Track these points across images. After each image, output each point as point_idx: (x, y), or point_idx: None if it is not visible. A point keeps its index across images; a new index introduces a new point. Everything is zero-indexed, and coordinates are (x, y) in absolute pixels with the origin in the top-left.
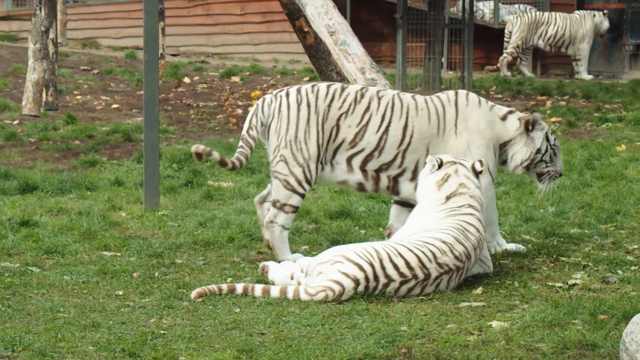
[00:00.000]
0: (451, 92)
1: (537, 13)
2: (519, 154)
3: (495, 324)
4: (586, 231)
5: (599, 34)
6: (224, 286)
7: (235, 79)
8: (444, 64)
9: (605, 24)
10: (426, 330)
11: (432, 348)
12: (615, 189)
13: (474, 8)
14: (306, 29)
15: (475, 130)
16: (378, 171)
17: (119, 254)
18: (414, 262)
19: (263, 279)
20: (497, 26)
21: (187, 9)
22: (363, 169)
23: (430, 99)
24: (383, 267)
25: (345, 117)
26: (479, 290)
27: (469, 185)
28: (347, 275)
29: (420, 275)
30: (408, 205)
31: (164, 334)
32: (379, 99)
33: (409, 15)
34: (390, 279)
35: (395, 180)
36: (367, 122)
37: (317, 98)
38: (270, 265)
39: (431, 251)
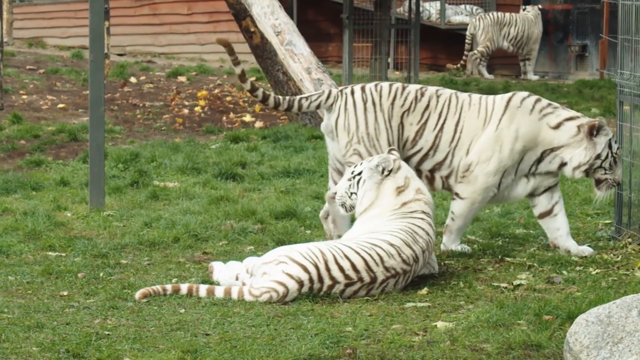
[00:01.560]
0: (510, 93)
1: (499, 14)
2: (577, 157)
3: (440, 324)
4: (531, 232)
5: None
6: (169, 287)
7: (182, 78)
8: (390, 64)
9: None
10: (371, 330)
11: (377, 348)
12: (560, 189)
13: (421, 8)
14: (252, 29)
15: (513, 134)
16: (432, 171)
17: (63, 254)
18: (360, 264)
19: (208, 280)
20: (443, 26)
21: (134, 8)
22: (418, 168)
23: (486, 96)
24: (328, 269)
25: (407, 115)
26: (425, 290)
27: (424, 191)
28: (291, 276)
29: (366, 279)
30: (547, 213)
31: (108, 334)
32: (438, 97)
33: (356, 15)
34: (335, 281)
35: (448, 181)
36: (426, 121)
37: (380, 96)
38: (215, 265)
39: (378, 254)
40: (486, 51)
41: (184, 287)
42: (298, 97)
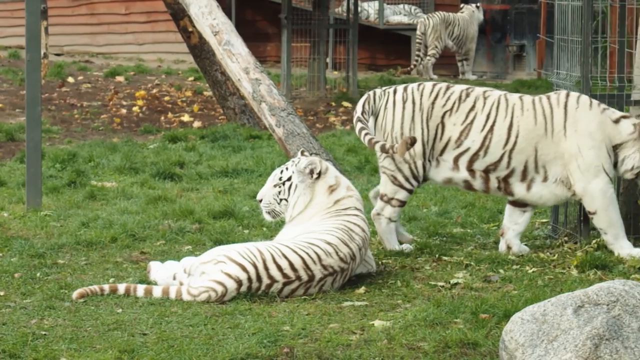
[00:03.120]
0: (562, 94)
1: (444, 13)
2: (630, 159)
3: (377, 323)
4: (469, 230)
5: (480, 25)
6: (106, 286)
7: (120, 78)
8: (328, 64)
9: (480, 15)
10: (309, 329)
11: (314, 347)
12: None
13: (359, 8)
14: (190, 29)
15: (585, 133)
16: (486, 172)
17: (0, 254)
18: (298, 263)
19: (146, 279)
20: (382, 26)
21: (71, 8)
22: (470, 168)
23: (538, 99)
24: (266, 268)
25: (450, 115)
26: (362, 289)
27: (353, 188)
28: (229, 275)
29: (304, 277)
30: (521, 205)
31: (45, 334)
32: (485, 98)
33: (294, 15)
34: (273, 280)
35: (505, 181)
36: (472, 121)
37: (421, 95)
38: (153, 265)
39: (316, 253)
40: (437, 51)
41: (121, 287)
42: (363, 133)
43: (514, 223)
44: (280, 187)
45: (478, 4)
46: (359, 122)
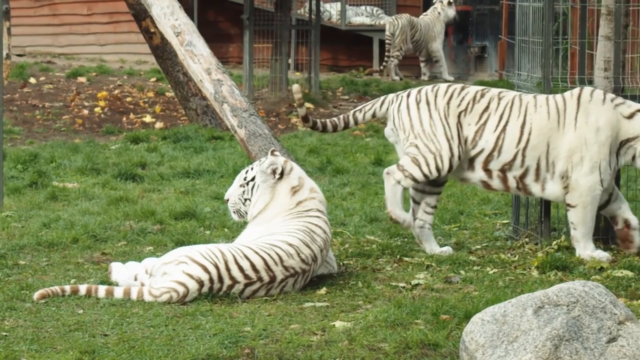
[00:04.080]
0: (576, 89)
1: (410, 16)
2: None
3: (338, 324)
4: None
5: (449, 23)
6: (67, 287)
7: (82, 79)
8: (291, 65)
9: (451, 12)
10: (270, 330)
11: (275, 348)
12: (459, 189)
13: (321, 9)
14: (152, 30)
15: (593, 127)
16: (503, 171)
17: None
18: (259, 264)
19: (107, 280)
20: (344, 28)
21: (34, 9)
22: (486, 168)
23: (552, 96)
24: (228, 269)
25: (465, 115)
26: (323, 290)
27: (317, 189)
28: (191, 276)
29: (266, 278)
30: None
31: (5, 335)
32: (499, 99)
33: (256, 16)
34: (235, 281)
35: (522, 181)
36: (485, 122)
37: (435, 96)
38: (114, 266)
39: (277, 254)
40: (401, 53)
41: (82, 288)
42: (352, 111)
43: (617, 209)
44: (244, 187)
45: (450, 0)
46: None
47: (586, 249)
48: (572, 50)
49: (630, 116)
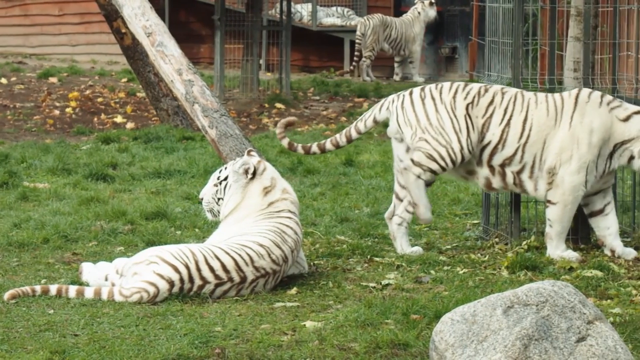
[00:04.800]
0: (575, 89)
1: (383, 16)
2: None
3: (309, 324)
4: None
5: (429, 23)
6: (38, 287)
7: (53, 79)
8: (262, 66)
9: (432, 12)
10: (240, 330)
11: (245, 348)
12: (429, 190)
13: (292, 10)
14: (124, 30)
15: (587, 128)
16: (502, 166)
17: None
18: (230, 265)
19: (77, 280)
20: (315, 28)
21: (4, 9)
22: (490, 164)
23: (551, 94)
24: (199, 269)
25: (472, 107)
26: (294, 290)
27: (289, 190)
28: (162, 276)
29: (236, 279)
30: (597, 212)
31: None
32: (503, 94)
33: (227, 17)
34: (205, 281)
35: (519, 177)
36: (492, 115)
37: (440, 92)
38: (85, 266)
39: (248, 254)
40: (373, 54)
41: (53, 288)
42: (353, 124)
43: (605, 229)
44: (218, 186)
45: (432, 0)
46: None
47: (557, 249)
48: (542, 51)
49: (626, 119)
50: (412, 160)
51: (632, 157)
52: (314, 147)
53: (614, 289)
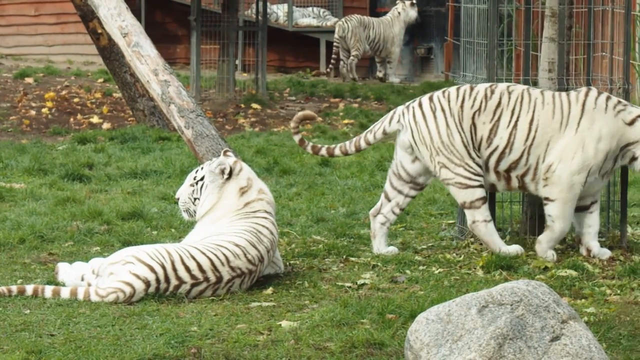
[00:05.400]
0: (582, 92)
1: (360, 16)
2: None
3: (285, 323)
4: None
5: (410, 24)
6: (14, 288)
7: (29, 80)
8: (238, 66)
9: (413, 13)
10: (216, 330)
11: (221, 348)
12: None
13: (268, 11)
14: (100, 31)
15: (595, 135)
16: (508, 171)
17: None
18: (206, 265)
19: (54, 281)
20: (291, 29)
21: None
22: (496, 170)
23: (558, 94)
24: (175, 269)
25: (479, 114)
26: (270, 290)
27: (266, 191)
28: (138, 276)
29: (212, 279)
30: (583, 208)
31: None
32: (509, 93)
33: (203, 17)
34: (181, 281)
35: (522, 179)
36: (499, 118)
37: (449, 101)
38: (61, 266)
39: (224, 254)
40: (359, 53)
41: (29, 288)
42: (362, 134)
43: (586, 226)
44: (194, 186)
45: (413, 1)
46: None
47: (548, 247)
48: (517, 51)
49: (631, 122)
50: (463, 206)
51: (634, 159)
52: (323, 150)
53: (588, 288)
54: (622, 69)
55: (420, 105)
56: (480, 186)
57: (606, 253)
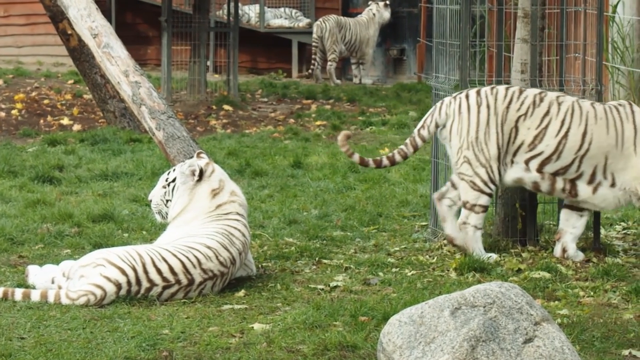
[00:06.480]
0: (627, 107)
1: (337, 17)
2: None
3: (257, 326)
4: (349, 234)
5: (383, 25)
6: None
7: None
8: (209, 68)
9: (386, 14)
10: (188, 333)
11: (193, 351)
12: (377, 192)
13: (240, 12)
14: (69, 32)
15: None
16: (555, 174)
17: None
18: (177, 267)
19: (24, 283)
20: (262, 30)
21: None
22: (540, 170)
23: (609, 109)
24: (146, 272)
25: (524, 119)
26: (242, 292)
27: (238, 193)
28: (109, 279)
29: (184, 281)
30: (578, 209)
31: None
32: (559, 104)
33: (174, 18)
34: (153, 284)
35: (572, 183)
36: (547, 126)
37: (496, 100)
38: (31, 269)
39: (196, 257)
40: (336, 55)
41: None
42: (415, 132)
43: (571, 227)
44: (166, 188)
45: (387, 2)
46: (409, 138)
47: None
48: (490, 52)
49: None
50: (464, 205)
51: None
52: (385, 161)
53: (561, 290)
54: (595, 70)
55: (467, 97)
56: (489, 195)
57: (580, 256)
